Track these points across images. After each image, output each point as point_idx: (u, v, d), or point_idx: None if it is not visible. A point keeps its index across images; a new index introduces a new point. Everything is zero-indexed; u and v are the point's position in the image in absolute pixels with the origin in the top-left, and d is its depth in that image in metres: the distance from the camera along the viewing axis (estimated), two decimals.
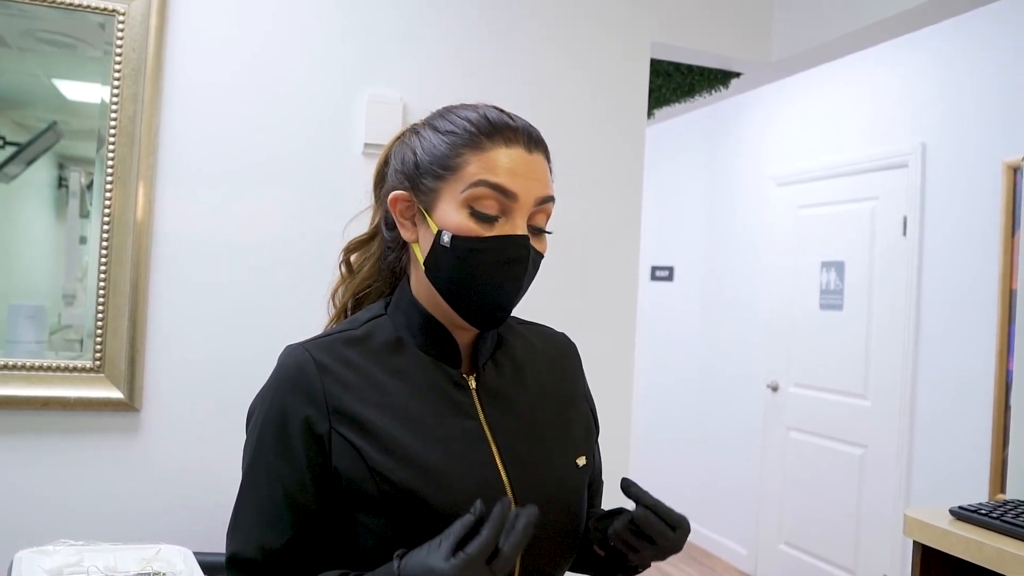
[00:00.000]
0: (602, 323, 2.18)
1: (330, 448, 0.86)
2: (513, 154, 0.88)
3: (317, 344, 0.92)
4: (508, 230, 0.87)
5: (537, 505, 0.88)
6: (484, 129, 0.88)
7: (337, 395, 0.87)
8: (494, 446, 0.90)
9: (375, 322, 0.95)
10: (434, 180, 0.89)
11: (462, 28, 2.06)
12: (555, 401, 1.00)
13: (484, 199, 0.87)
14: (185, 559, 1.18)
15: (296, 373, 0.88)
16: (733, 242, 4.56)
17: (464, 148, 0.88)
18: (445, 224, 0.88)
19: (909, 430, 3.34)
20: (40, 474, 1.73)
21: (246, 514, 0.89)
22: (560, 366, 1.05)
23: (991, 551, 1.49)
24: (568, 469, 0.96)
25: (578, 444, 1.00)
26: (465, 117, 0.90)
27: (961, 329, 3.12)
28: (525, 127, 0.91)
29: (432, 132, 0.92)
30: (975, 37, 3.11)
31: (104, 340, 1.76)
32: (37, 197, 1.83)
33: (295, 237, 1.90)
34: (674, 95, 2.84)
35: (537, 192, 0.89)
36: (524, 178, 0.87)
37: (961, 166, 3.16)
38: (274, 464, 0.87)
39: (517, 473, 0.90)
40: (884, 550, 3.44)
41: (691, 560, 4.46)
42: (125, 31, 1.76)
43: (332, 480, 0.87)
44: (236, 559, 0.88)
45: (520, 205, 0.87)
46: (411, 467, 0.85)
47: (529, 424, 0.95)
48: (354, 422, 0.86)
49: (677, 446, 4.83)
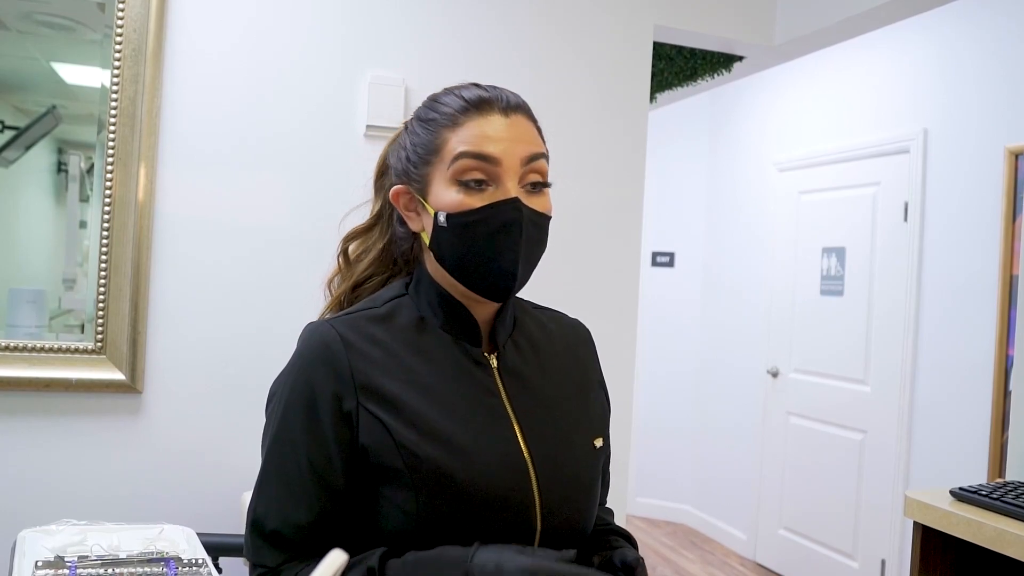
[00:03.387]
0: (604, 309, 2.18)
1: (358, 424, 0.87)
2: (489, 121, 0.89)
3: (342, 320, 0.93)
4: (500, 196, 0.88)
5: (556, 481, 0.90)
6: (459, 107, 0.91)
7: (364, 371, 0.88)
8: (516, 423, 0.92)
9: (397, 301, 0.96)
10: (424, 167, 0.92)
11: (464, 10, 2.04)
12: (572, 383, 1.02)
13: (469, 171, 0.88)
14: (188, 539, 1.18)
15: (322, 350, 0.89)
16: (734, 228, 4.56)
17: (443, 129, 0.90)
18: (440, 205, 0.90)
19: (909, 415, 3.35)
20: (43, 455, 1.74)
21: (271, 487, 0.89)
22: (576, 350, 1.06)
23: (991, 531, 1.50)
24: (586, 448, 0.97)
25: (595, 425, 1.01)
26: (443, 101, 0.93)
27: (961, 315, 3.12)
28: (500, 94, 0.92)
29: (417, 124, 0.95)
30: (978, 22, 3.10)
31: (106, 322, 1.76)
32: (36, 182, 1.83)
33: (297, 219, 1.90)
34: (676, 79, 2.83)
35: (520, 152, 0.89)
36: (503, 141, 0.88)
37: (963, 152, 3.15)
38: (300, 440, 0.87)
39: (538, 450, 0.91)
40: (883, 535, 3.46)
41: (691, 545, 4.48)
42: (126, 11, 1.75)
43: (359, 456, 0.87)
44: (261, 529, 0.88)
45: (505, 168, 0.88)
46: (437, 442, 0.86)
47: (548, 403, 0.96)
48: (381, 398, 0.87)
49: (677, 432, 4.84)
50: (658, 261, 4.93)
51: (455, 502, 0.85)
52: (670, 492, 4.90)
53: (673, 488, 4.89)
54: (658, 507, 4.93)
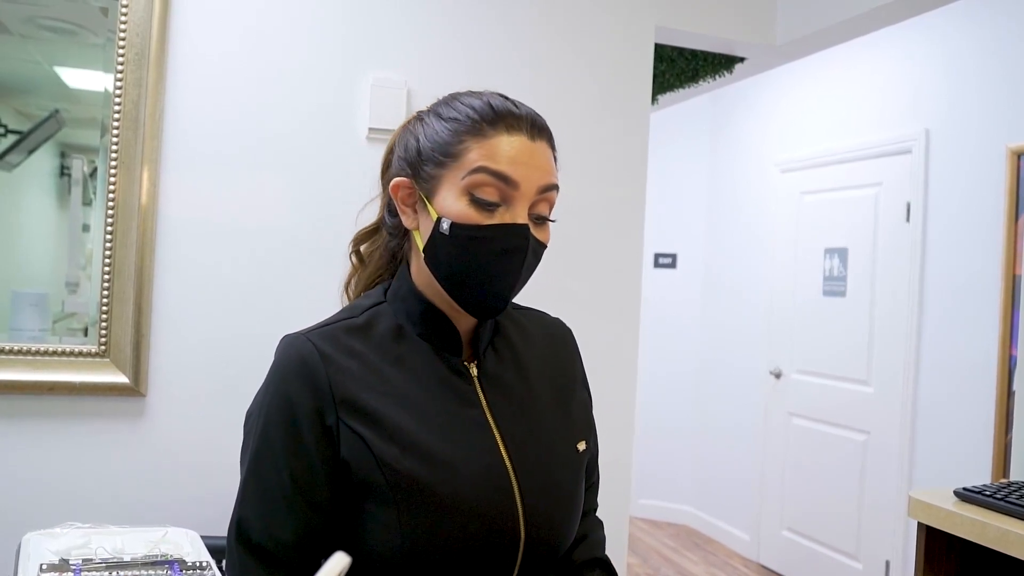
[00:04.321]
0: (606, 311, 2.18)
1: (338, 439, 0.85)
2: (515, 141, 0.87)
3: (319, 333, 0.90)
4: (508, 219, 0.86)
5: (539, 490, 0.88)
6: (487, 116, 0.87)
7: (343, 384, 0.86)
8: (497, 433, 0.90)
9: (375, 310, 0.94)
10: (435, 167, 0.88)
11: (466, 12, 2.05)
12: (554, 386, 1.00)
13: (484, 186, 0.86)
14: (192, 542, 1.18)
15: (299, 364, 0.87)
16: (736, 228, 4.56)
17: (466, 135, 0.87)
18: (445, 211, 0.87)
19: (912, 416, 3.34)
20: (47, 458, 1.74)
21: (254, 505, 0.86)
22: (557, 351, 1.04)
23: (995, 532, 1.49)
24: (569, 454, 0.96)
25: (578, 429, 1.00)
26: (469, 104, 0.89)
27: (964, 315, 3.12)
28: (529, 114, 0.89)
29: (435, 119, 0.91)
30: (980, 22, 3.09)
31: (109, 325, 1.76)
32: (39, 185, 1.83)
33: (299, 221, 1.90)
34: (678, 80, 2.83)
35: (539, 180, 0.87)
36: (526, 166, 0.86)
37: (965, 152, 3.15)
38: (282, 457, 0.85)
39: (520, 459, 0.90)
40: (886, 536, 3.45)
41: (693, 546, 4.48)
42: (128, 15, 1.76)
43: (341, 471, 0.86)
44: (246, 545, 0.86)
45: (521, 193, 0.86)
46: (416, 456, 0.85)
47: (530, 410, 0.95)
48: (360, 412, 0.86)
49: (679, 432, 4.84)
50: (660, 262, 4.93)
51: (438, 516, 0.83)
52: (672, 493, 4.89)
53: (675, 489, 4.88)
54: (660, 508, 4.92)
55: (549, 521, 0.90)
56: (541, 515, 0.89)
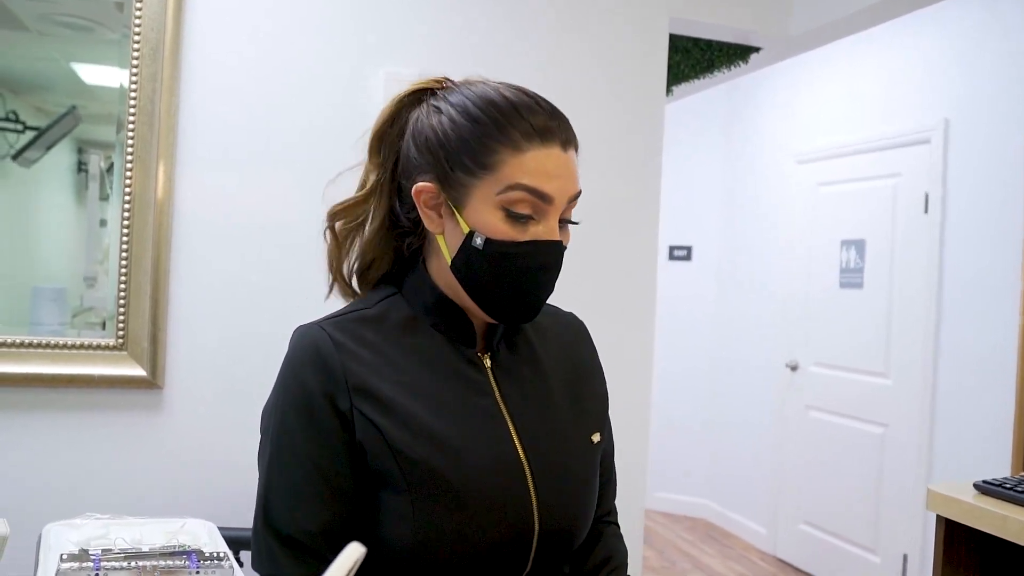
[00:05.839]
0: (621, 305, 2.17)
1: (353, 425, 0.85)
2: (551, 155, 0.85)
3: (332, 323, 0.91)
4: (542, 233, 0.86)
5: (553, 480, 0.88)
6: (520, 126, 0.85)
7: (356, 372, 0.86)
8: (510, 423, 0.90)
9: (389, 301, 0.94)
10: (467, 176, 0.85)
11: (478, 4, 2.04)
12: (567, 378, 1.00)
13: (521, 203, 0.85)
14: (210, 533, 1.19)
15: (313, 353, 0.87)
16: (752, 220, 4.53)
17: (499, 144, 0.84)
18: (477, 224, 0.86)
19: (930, 409, 3.31)
20: (67, 450, 1.76)
21: (279, 493, 0.86)
22: (570, 344, 1.04)
23: (1016, 525, 1.48)
24: (583, 445, 0.96)
25: (592, 421, 1.00)
26: (502, 110, 0.86)
27: (983, 306, 3.08)
28: (560, 124, 0.87)
29: (457, 114, 0.87)
30: (999, 10, 3.05)
31: (127, 319, 1.78)
32: (57, 181, 1.85)
33: (314, 216, 1.89)
34: (693, 71, 2.81)
35: (571, 191, 0.88)
36: (559, 179, 0.85)
37: (984, 142, 3.11)
38: (303, 445, 0.85)
39: (533, 450, 0.90)
40: (905, 529, 3.43)
41: (710, 540, 4.47)
42: (143, 11, 1.77)
43: (359, 455, 0.86)
44: (276, 531, 0.86)
45: (555, 207, 0.86)
46: (430, 443, 0.85)
47: (543, 401, 0.95)
48: (373, 399, 0.86)
49: (695, 426, 4.83)
50: (675, 255, 4.91)
51: (451, 504, 0.83)
52: (689, 487, 4.88)
53: (692, 483, 4.87)
54: (677, 502, 4.91)
55: (563, 511, 0.90)
56: (555, 505, 0.89)
